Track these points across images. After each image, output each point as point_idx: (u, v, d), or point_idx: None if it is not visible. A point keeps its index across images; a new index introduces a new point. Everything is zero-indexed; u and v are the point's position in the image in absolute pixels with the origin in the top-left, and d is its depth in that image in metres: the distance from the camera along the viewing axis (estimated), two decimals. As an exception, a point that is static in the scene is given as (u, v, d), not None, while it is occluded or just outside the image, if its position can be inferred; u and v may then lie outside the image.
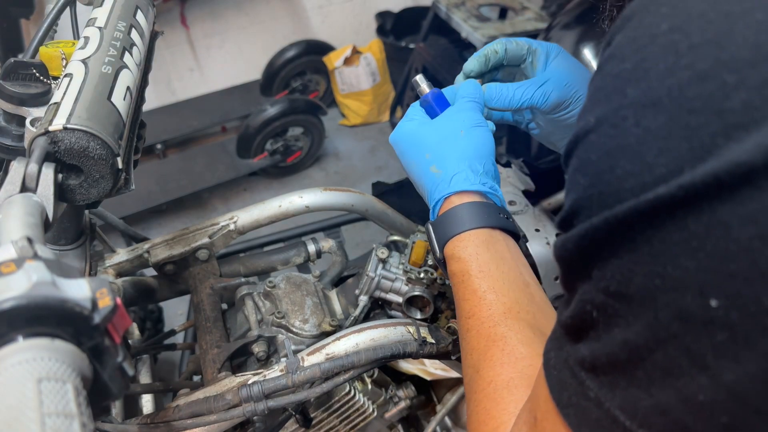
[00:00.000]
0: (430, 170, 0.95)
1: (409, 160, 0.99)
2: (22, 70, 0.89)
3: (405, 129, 1.01)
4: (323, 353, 1.13)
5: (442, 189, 0.93)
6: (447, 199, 0.92)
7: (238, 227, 1.39)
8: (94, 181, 0.79)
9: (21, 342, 0.51)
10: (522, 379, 0.74)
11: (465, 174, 0.92)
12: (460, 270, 0.88)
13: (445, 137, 0.96)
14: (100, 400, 0.59)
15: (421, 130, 0.99)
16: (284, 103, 3.53)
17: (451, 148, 0.95)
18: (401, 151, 1.02)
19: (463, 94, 1.02)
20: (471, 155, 0.94)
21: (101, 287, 0.56)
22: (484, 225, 0.89)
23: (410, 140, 0.99)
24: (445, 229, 0.91)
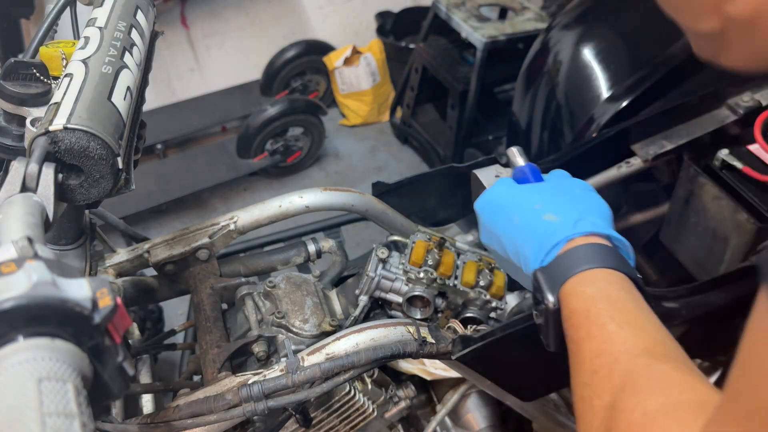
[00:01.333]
0: (543, 219, 0.89)
1: (508, 214, 0.94)
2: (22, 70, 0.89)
3: (502, 189, 0.98)
4: (323, 353, 1.13)
5: (563, 232, 0.85)
6: (570, 241, 0.85)
7: (238, 227, 1.39)
8: (94, 181, 0.79)
9: (21, 342, 0.51)
10: (681, 404, 0.62)
11: (592, 219, 0.87)
12: (584, 306, 0.78)
13: (561, 192, 0.94)
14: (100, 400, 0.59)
15: (527, 189, 0.97)
16: (284, 103, 3.53)
17: (570, 200, 0.91)
18: (496, 208, 0.97)
19: (560, 173, 1.02)
20: (594, 210, 0.91)
21: (101, 287, 0.56)
22: (616, 267, 0.81)
23: (511, 197, 0.96)
24: (566, 267, 0.82)
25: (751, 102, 1.47)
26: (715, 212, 1.43)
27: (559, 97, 1.88)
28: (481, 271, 1.31)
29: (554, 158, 1.52)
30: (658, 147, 1.48)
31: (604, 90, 1.75)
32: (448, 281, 1.28)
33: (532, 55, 2.11)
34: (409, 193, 1.54)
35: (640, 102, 1.66)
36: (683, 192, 1.51)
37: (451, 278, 1.28)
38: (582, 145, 1.54)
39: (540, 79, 1.98)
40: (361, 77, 4.06)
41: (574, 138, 1.79)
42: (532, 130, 1.99)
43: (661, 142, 1.48)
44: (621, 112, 1.67)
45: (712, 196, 1.43)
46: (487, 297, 1.28)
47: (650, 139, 1.49)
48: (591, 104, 1.75)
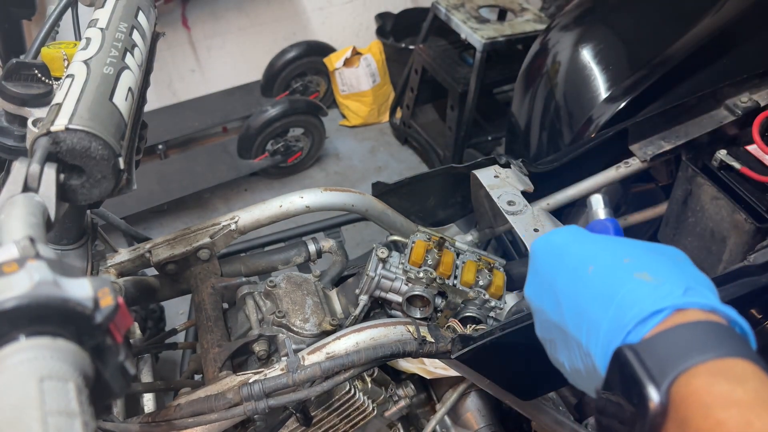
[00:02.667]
0: (634, 276, 0.66)
1: (579, 264, 0.72)
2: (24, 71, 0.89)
3: (574, 234, 0.78)
4: (323, 352, 1.13)
5: (669, 298, 0.62)
6: (680, 312, 0.61)
7: (239, 227, 1.39)
8: (95, 181, 0.79)
9: (23, 341, 0.51)
10: None
11: (705, 291, 0.64)
12: (738, 421, 0.52)
13: (656, 251, 0.71)
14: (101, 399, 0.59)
15: (610, 240, 0.75)
16: (285, 104, 3.53)
17: (670, 262, 0.69)
18: (561, 254, 0.77)
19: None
20: (704, 280, 0.68)
21: (103, 287, 0.56)
22: (752, 359, 0.57)
23: (588, 245, 0.75)
24: (681, 350, 0.58)
25: (750, 102, 1.47)
26: (714, 212, 1.43)
27: (557, 98, 1.88)
28: (481, 271, 1.31)
29: (553, 159, 1.52)
30: (656, 147, 1.48)
31: (603, 91, 1.75)
32: (448, 281, 1.28)
33: (531, 56, 2.11)
34: (409, 193, 1.54)
35: (639, 103, 1.66)
36: (681, 192, 1.51)
37: (451, 278, 1.29)
38: (581, 146, 1.54)
39: (539, 80, 1.98)
40: (361, 78, 4.06)
41: (573, 138, 1.79)
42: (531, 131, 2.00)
43: (660, 143, 1.49)
44: (619, 113, 1.67)
45: (711, 196, 1.43)
46: (486, 296, 1.28)
47: (649, 140, 1.50)
48: (590, 105, 1.75)
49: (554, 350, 0.79)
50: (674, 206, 1.55)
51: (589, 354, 0.68)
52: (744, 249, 1.38)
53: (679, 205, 1.52)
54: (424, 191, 1.55)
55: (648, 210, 1.70)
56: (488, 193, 1.36)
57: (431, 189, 1.55)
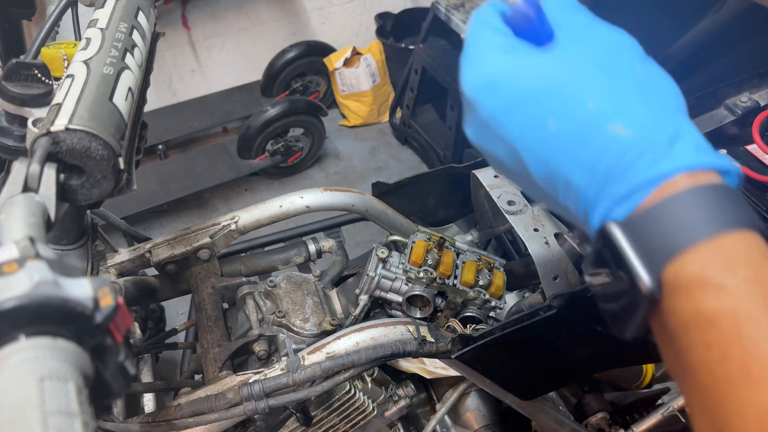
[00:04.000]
0: (608, 131, 0.54)
1: (535, 113, 0.58)
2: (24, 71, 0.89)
3: (511, 63, 0.60)
4: (324, 352, 1.13)
5: (656, 163, 0.53)
6: (670, 182, 0.52)
7: (239, 227, 1.39)
8: (95, 181, 0.79)
9: (23, 341, 0.51)
10: None
11: (692, 135, 0.55)
12: (728, 315, 0.48)
13: (615, 72, 0.57)
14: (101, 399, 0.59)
15: (552, 64, 0.58)
16: (285, 104, 3.53)
17: (638, 89, 0.57)
18: (508, 96, 0.60)
19: (569, 5, 0.65)
20: (676, 104, 0.58)
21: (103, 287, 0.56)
22: (748, 225, 0.51)
23: (536, 76, 0.58)
24: (672, 230, 0.51)
25: (750, 102, 1.47)
26: (715, 212, 1.43)
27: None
28: (481, 271, 1.31)
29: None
30: (657, 147, 1.48)
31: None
32: (448, 281, 1.28)
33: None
34: (409, 193, 1.54)
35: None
36: (682, 192, 1.51)
37: (451, 278, 1.29)
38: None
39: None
40: (361, 78, 4.06)
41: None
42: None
43: (660, 142, 1.48)
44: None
45: (711, 195, 1.42)
46: (487, 296, 1.28)
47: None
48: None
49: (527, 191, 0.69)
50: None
51: (577, 217, 0.60)
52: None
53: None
54: (424, 191, 1.55)
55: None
56: (488, 192, 1.36)
57: (431, 189, 1.55)
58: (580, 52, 0.59)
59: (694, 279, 0.50)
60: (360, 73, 4.05)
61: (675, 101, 0.58)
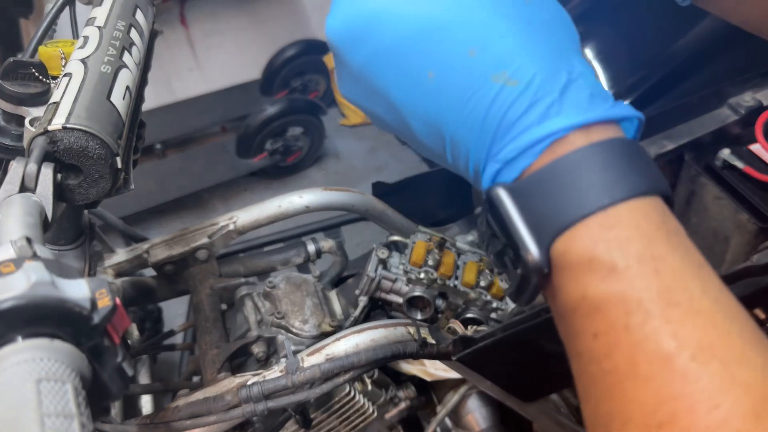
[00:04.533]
0: (492, 81, 0.47)
1: (410, 61, 0.51)
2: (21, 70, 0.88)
3: (380, 3, 0.51)
4: (323, 354, 1.13)
5: (539, 116, 0.46)
6: (561, 140, 0.46)
7: (237, 227, 1.39)
8: (93, 180, 0.79)
9: (20, 342, 0.50)
10: None
11: (587, 81, 0.49)
12: (615, 302, 0.43)
13: (500, 9, 0.49)
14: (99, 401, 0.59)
15: (427, 5, 0.49)
16: (284, 102, 3.53)
17: (525, 30, 0.48)
18: (375, 48, 0.52)
19: None
20: (569, 44, 0.51)
21: (100, 287, 0.56)
22: (648, 189, 0.45)
23: (405, 26, 0.50)
24: (560, 198, 0.45)
25: (753, 102, 1.46)
26: (716, 212, 1.42)
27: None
28: (482, 272, 1.30)
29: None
30: (658, 147, 1.47)
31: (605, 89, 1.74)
32: (449, 282, 1.27)
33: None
34: (409, 193, 1.53)
35: (641, 102, 1.66)
36: (684, 192, 1.51)
37: (452, 279, 1.28)
38: (583, 145, 1.53)
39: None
40: (361, 77, 4.06)
41: (575, 138, 1.79)
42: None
43: (662, 142, 1.48)
44: (621, 112, 1.66)
45: (713, 196, 1.42)
46: (488, 297, 1.28)
47: (651, 139, 1.49)
48: (592, 104, 1.75)
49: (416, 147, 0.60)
50: (677, 206, 1.54)
51: (468, 178, 0.54)
52: (747, 249, 1.37)
53: (681, 204, 1.52)
54: (424, 191, 1.54)
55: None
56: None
57: (432, 189, 1.54)
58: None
59: (583, 257, 0.44)
60: (360, 72, 4.04)
61: (568, 41, 0.51)
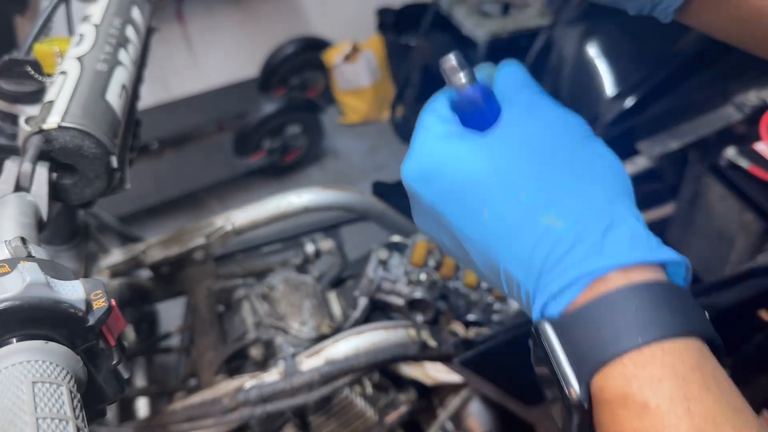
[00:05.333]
0: (541, 222, 0.52)
1: (469, 201, 0.57)
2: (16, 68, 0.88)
3: (447, 147, 0.59)
4: (322, 356, 1.12)
5: (587, 260, 0.50)
6: (602, 279, 0.50)
7: (235, 228, 1.38)
8: (88, 180, 0.78)
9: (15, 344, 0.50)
10: None
11: (629, 225, 0.52)
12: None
13: (551, 159, 0.56)
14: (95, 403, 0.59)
15: (487, 153, 0.57)
16: (282, 100, 3.52)
17: (573, 177, 0.55)
18: (443, 186, 0.58)
19: (518, 81, 0.63)
20: (616, 189, 0.55)
21: (96, 288, 0.56)
22: (685, 331, 0.48)
23: (469, 166, 0.57)
24: (601, 336, 0.48)
25: (757, 101, 1.46)
26: (721, 212, 1.42)
27: (563, 95, 1.88)
28: (483, 273, 1.30)
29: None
30: (663, 146, 1.47)
31: (609, 88, 1.74)
32: (450, 283, 1.27)
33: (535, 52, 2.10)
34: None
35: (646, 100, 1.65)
36: (689, 192, 1.51)
37: (453, 280, 1.28)
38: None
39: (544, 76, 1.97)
40: (360, 74, 4.05)
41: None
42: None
43: (667, 142, 1.48)
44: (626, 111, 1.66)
45: (718, 195, 1.42)
46: (490, 299, 1.27)
47: (656, 138, 1.49)
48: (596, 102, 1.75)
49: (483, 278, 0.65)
50: (682, 206, 1.54)
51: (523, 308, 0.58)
52: (752, 249, 1.38)
53: (686, 204, 1.52)
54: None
55: (655, 210, 1.69)
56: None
57: (432, 188, 1.53)
58: (517, 137, 0.57)
59: (618, 394, 0.46)
60: (360, 69, 4.04)
61: (617, 186, 0.56)
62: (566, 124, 0.59)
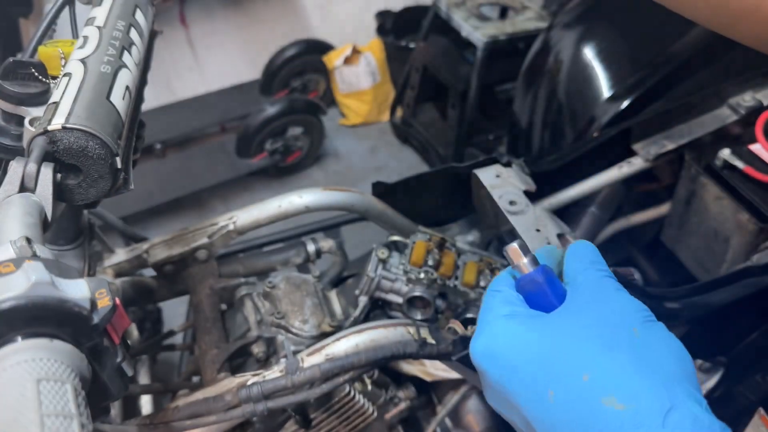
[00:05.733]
0: (603, 404, 0.54)
1: (535, 383, 0.59)
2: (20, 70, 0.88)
3: (514, 331, 0.62)
4: (323, 354, 1.12)
5: None
6: None
7: (237, 227, 1.39)
8: (92, 180, 0.79)
9: (20, 342, 0.51)
10: None
11: (690, 409, 0.53)
12: None
13: (612, 343, 0.58)
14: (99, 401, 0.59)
15: (551, 334, 0.60)
16: (284, 102, 3.52)
17: (634, 361, 0.57)
18: (510, 367, 0.61)
19: (585, 264, 0.67)
20: (677, 373, 0.57)
21: (100, 287, 0.56)
22: None
23: (535, 351, 0.60)
24: None
25: (753, 101, 1.46)
26: (717, 212, 1.43)
27: (560, 97, 1.88)
28: (482, 272, 1.30)
29: (555, 158, 1.51)
30: (659, 147, 1.47)
31: (606, 89, 1.74)
32: (449, 282, 1.27)
33: (532, 55, 2.10)
34: (409, 193, 1.53)
35: (642, 101, 1.65)
36: (684, 192, 1.51)
37: (452, 279, 1.28)
38: (583, 145, 1.54)
39: (541, 78, 1.97)
40: (361, 76, 4.06)
41: (575, 138, 1.79)
42: (533, 130, 1.99)
43: (663, 142, 1.48)
44: (622, 112, 1.66)
45: (714, 196, 1.42)
46: (488, 297, 1.27)
47: (651, 139, 1.49)
48: (592, 104, 1.75)
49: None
50: (677, 206, 1.54)
51: None
52: (747, 249, 1.38)
53: (682, 205, 1.52)
54: (424, 191, 1.54)
55: (651, 210, 1.69)
56: (489, 192, 1.36)
57: (431, 189, 1.54)
58: (580, 320, 0.61)
59: None
60: (360, 71, 4.04)
61: (678, 369, 0.57)
62: (628, 308, 0.61)
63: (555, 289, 0.65)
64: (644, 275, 1.73)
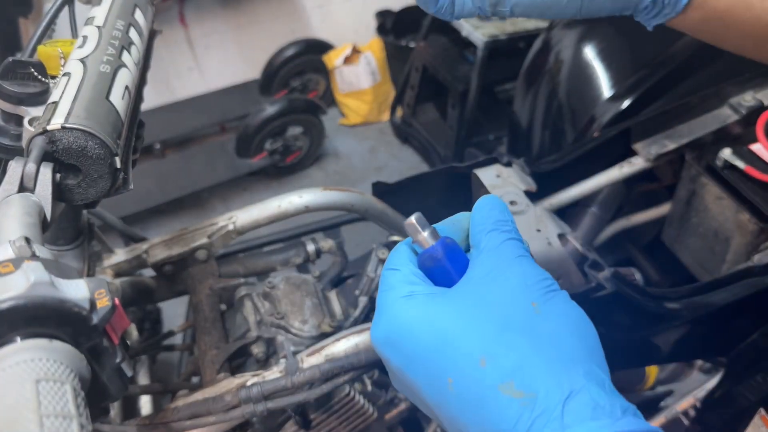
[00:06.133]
0: (500, 393, 0.51)
1: (433, 371, 0.55)
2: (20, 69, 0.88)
3: (410, 309, 0.57)
4: (323, 354, 1.12)
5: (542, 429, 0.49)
6: None
7: (237, 227, 1.38)
8: (92, 180, 0.78)
9: (19, 343, 0.51)
10: None
11: (590, 393, 0.50)
12: None
13: (510, 321, 0.54)
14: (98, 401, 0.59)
15: (448, 316, 0.56)
16: (283, 102, 3.52)
17: (531, 340, 0.53)
18: (408, 352, 0.57)
19: (487, 226, 0.62)
20: (577, 350, 0.54)
21: (99, 288, 0.56)
22: None
23: (430, 331, 0.56)
24: None
25: (753, 101, 1.46)
26: (717, 212, 1.42)
27: (560, 97, 1.88)
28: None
29: (556, 158, 1.51)
30: (660, 147, 1.47)
31: (606, 89, 1.74)
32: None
33: (533, 54, 2.10)
34: (409, 193, 1.53)
35: (642, 101, 1.65)
36: (685, 192, 1.51)
37: (452, 278, 1.28)
38: (584, 145, 1.54)
39: (541, 78, 1.97)
40: (361, 76, 4.06)
41: (575, 137, 1.79)
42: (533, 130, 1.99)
43: (663, 142, 1.48)
44: (623, 112, 1.66)
45: (714, 196, 1.42)
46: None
47: (652, 139, 1.49)
48: (592, 103, 1.75)
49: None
50: (678, 206, 1.54)
51: None
52: (748, 249, 1.38)
53: (682, 205, 1.52)
54: (424, 191, 1.54)
55: (651, 210, 1.69)
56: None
57: (432, 189, 1.54)
58: (477, 297, 0.56)
59: None
60: (360, 71, 4.04)
61: (578, 346, 0.54)
62: (529, 278, 0.57)
63: (456, 263, 0.61)
64: (645, 275, 1.72)
